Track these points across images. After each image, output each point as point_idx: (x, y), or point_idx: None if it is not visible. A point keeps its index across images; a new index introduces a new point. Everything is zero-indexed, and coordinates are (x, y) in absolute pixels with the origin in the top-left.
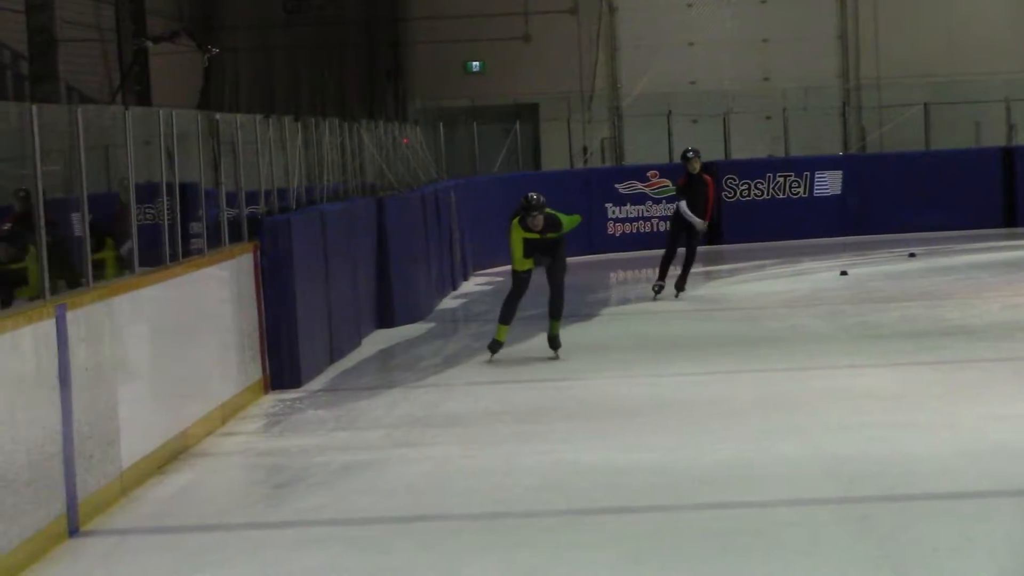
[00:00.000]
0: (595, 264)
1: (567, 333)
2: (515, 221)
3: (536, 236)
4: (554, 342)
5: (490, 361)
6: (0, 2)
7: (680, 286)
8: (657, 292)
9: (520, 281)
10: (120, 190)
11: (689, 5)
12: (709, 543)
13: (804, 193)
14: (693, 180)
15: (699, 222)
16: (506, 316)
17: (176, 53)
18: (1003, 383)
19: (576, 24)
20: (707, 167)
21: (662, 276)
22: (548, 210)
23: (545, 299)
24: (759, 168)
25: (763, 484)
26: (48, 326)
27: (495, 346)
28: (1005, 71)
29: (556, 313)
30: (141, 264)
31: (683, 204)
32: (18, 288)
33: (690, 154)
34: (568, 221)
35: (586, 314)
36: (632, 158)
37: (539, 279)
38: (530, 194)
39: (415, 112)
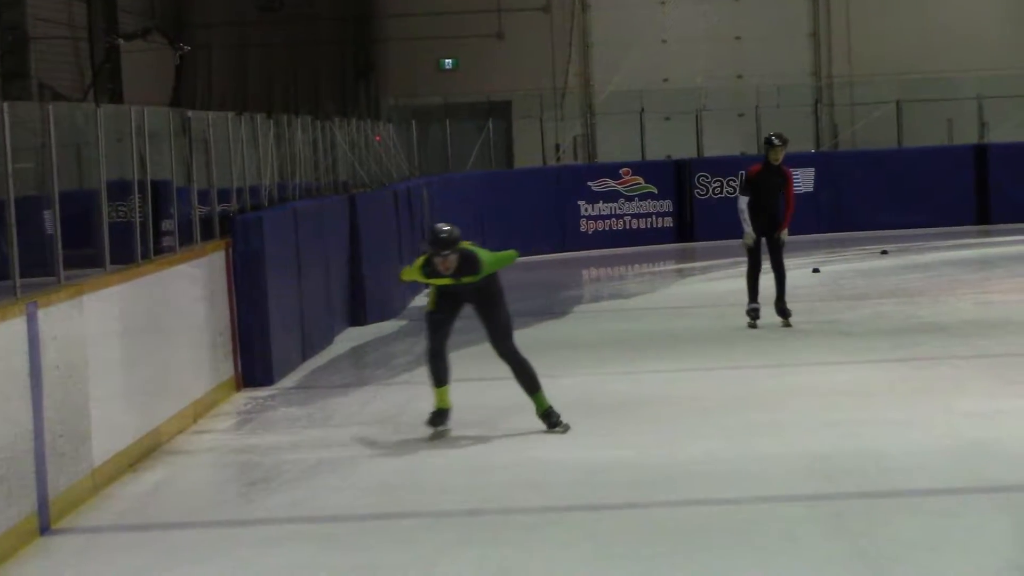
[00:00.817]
0: (568, 261)
1: (539, 331)
2: (417, 263)
3: (448, 282)
4: (550, 417)
5: (433, 436)
6: None
7: (783, 311)
8: (754, 319)
9: (434, 324)
10: None
11: (662, 2)
12: (684, 540)
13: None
14: (769, 172)
15: (749, 231)
16: (438, 375)
17: (148, 50)
18: (976, 380)
19: (549, 21)
20: (679, 165)
21: (754, 297)
22: (465, 244)
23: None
24: (732, 165)
25: (738, 481)
26: (19, 324)
27: (438, 418)
28: (978, 68)
29: (530, 387)
30: (112, 262)
31: (743, 201)
32: None
33: (776, 141)
34: (492, 260)
35: (559, 311)
36: (605, 155)
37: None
38: (438, 226)
39: (388, 109)
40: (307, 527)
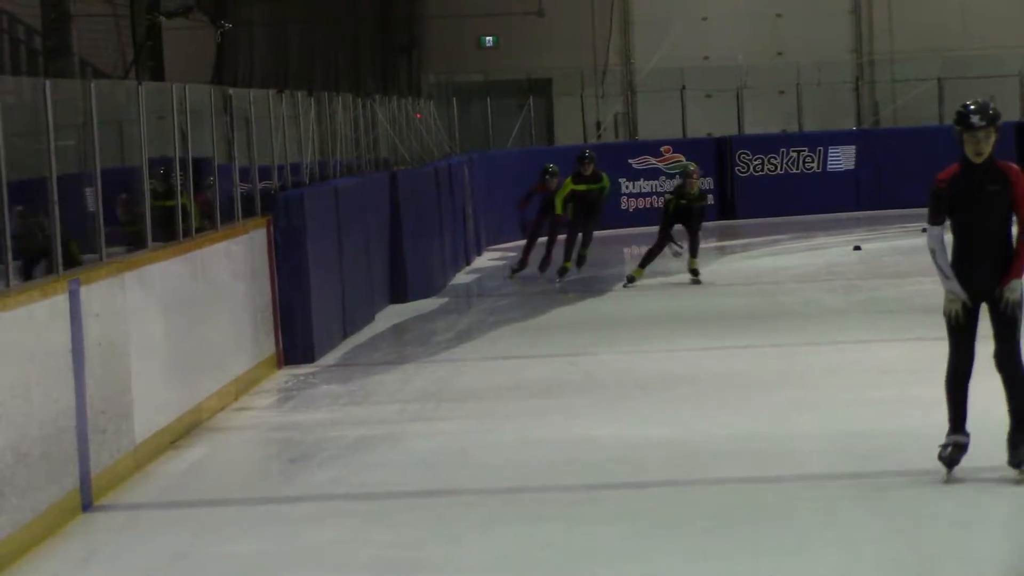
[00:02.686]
0: (608, 239)
1: (580, 308)
2: None
3: None
4: None
5: None
6: None
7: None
8: (949, 464)
9: None
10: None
11: None
12: (724, 517)
13: (818, 168)
14: (974, 176)
15: (954, 287)
16: None
17: (190, 28)
18: None
19: None
20: (720, 143)
21: (957, 423)
22: None
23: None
24: (773, 143)
25: (776, 459)
26: (62, 301)
27: None
28: (1019, 45)
29: None
30: (154, 239)
31: (935, 234)
32: (171, 225)
33: (976, 119)
34: None
35: (600, 289)
36: (645, 133)
37: None
38: None
39: (428, 87)
40: (348, 504)
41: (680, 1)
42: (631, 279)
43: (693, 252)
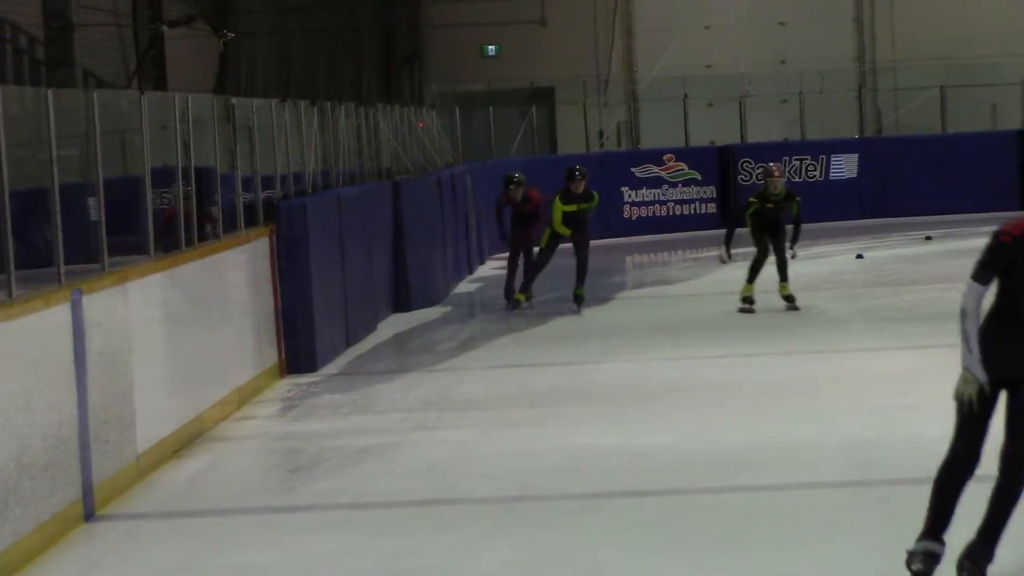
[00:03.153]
0: (611, 248)
1: (584, 317)
2: None
3: None
4: None
5: None
6: None
7: None
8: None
9: None
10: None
11: None
12: (728, 526)
13: (820, 176)
14: None
15: (974, 366)
16: None
17: (192, 37)
18: None
19: (592, 7)
20: (722, 151)
21: (935, 529)
22: None
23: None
24: (775, 151)
25: (780, 467)
26: (64, 311)
27: None
28: (1021, 54)
29: None
30: (156, 249)
31: (973, 293)
32: None
33: None
34: None
35: (603, 298)
36: (648, 142)
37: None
38: None
39: (431, 96)
40: (351, 513)
41: (682, 10)
42: (748, 300)
43: (782, 274)
